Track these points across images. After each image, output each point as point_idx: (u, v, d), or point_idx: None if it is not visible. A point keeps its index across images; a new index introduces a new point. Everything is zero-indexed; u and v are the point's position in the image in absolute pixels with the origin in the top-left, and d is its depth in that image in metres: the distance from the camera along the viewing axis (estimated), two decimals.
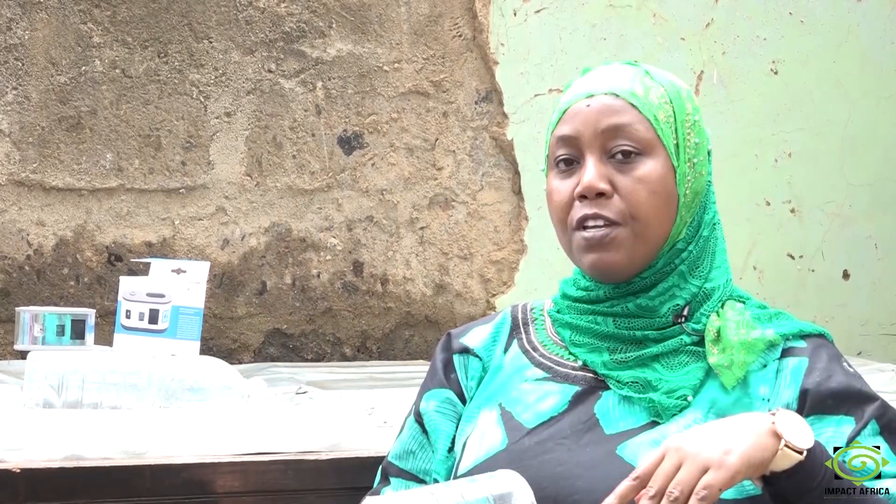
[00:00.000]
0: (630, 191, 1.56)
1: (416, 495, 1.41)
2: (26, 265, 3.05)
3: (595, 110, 1.58)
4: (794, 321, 1.61)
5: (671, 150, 1.58)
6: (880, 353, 3.68)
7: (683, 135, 1.59)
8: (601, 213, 1.57)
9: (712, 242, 1.63)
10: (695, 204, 1.61)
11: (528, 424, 1.58)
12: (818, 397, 1.53)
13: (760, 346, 1.57)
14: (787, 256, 3.74)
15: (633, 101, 1.58)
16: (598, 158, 1.57)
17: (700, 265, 1.61)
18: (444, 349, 1.72)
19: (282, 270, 3.24)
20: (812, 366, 1.55)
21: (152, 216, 3.14)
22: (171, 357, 2.24)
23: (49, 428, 1.95)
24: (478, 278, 3.41)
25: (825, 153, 3.77)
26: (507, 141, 3.44)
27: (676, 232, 1.60)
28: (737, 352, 1.56)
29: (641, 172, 1.57)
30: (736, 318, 1.59)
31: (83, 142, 3.10)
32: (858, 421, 1.51)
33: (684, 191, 1.59)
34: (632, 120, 1.57)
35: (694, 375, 1.56)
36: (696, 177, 1.60)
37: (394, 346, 3.33)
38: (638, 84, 1.59)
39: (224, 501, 1.93)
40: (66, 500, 1.86)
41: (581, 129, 1.58)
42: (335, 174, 3.29)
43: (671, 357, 1.58)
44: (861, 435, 1.50)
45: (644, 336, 1.59)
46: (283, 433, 2.03)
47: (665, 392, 1.55)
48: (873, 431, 1.51)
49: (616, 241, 1.57)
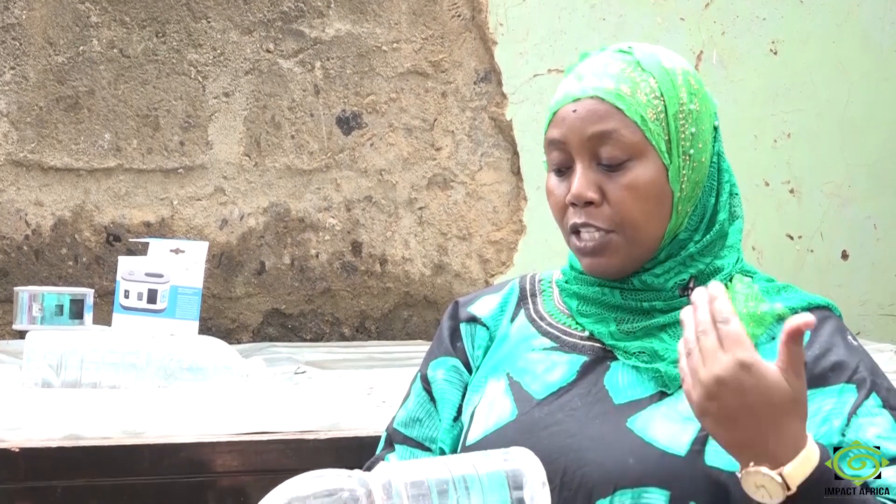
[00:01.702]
0: (619, 199, 1.56)
1: (429, 464, 1.42)
2: (25, 245, 3.05)
3: (580, 117, 1.56)
4: (802, 294, 1.61)
5: (661, 149, 1.56)
6: (879, 333, 3.68)
7: (676, 128, 1.57)
8: (591, 223, 1.56)
9: (726, 225, 1.63)
10: (695, 194, 1.60)
11: (538, 395, 1.58)
12: (817, 370, 1.53)
13: (769, 319, 1.57)
14: (786, 237, 3.74)
15: (618, 105, 1.55)
16: (586, 165, 1.56)
17: (711, 246, 1.61)
18: (452, 317, 1.72)
19: (280, 251, 3.24)
20: (812, 339, 1.55)
21: (151, 196, 3.14)
22: (169, 337, 2.24)
23: (48, 407, 1.95)
24: (476, 258, 3.41)
25: (825, 134, 3.76)
26: (505, 121, 3.43)
27: (675, 226, 1.59)
28: (745, 324, 1.56)
29: (629, 179, 1.55)
30: (745, 291, 1.58)
31: (81, 122, 3.09)
32: (861, 389, 1.51)
33: (679, 186, 1.57)
34: (617, 125, 1.55)
35: None
36: (695, 167, 1.59)
37: (392, 326, 3.33)
38: (625, 82, 1.56)
39: (223, 481, 1.93)
40: (66, 479, 1.86)
41: (569, 136, 1.57)
42: (334, 154, 3.29)
43: (678, 327, 1.58)
44: (863, 406, 1.49)
45: (651, 307, 1.59)
46: (282, 413, 2.04)
47: (672, 362, 1.55)
48: (877, 404, 1.50)
49: (609, 248, 1.57)
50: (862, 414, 1.49)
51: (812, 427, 1.50)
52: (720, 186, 1.62)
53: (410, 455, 1.68)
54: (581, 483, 1.51)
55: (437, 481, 1.39)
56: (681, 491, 1.48)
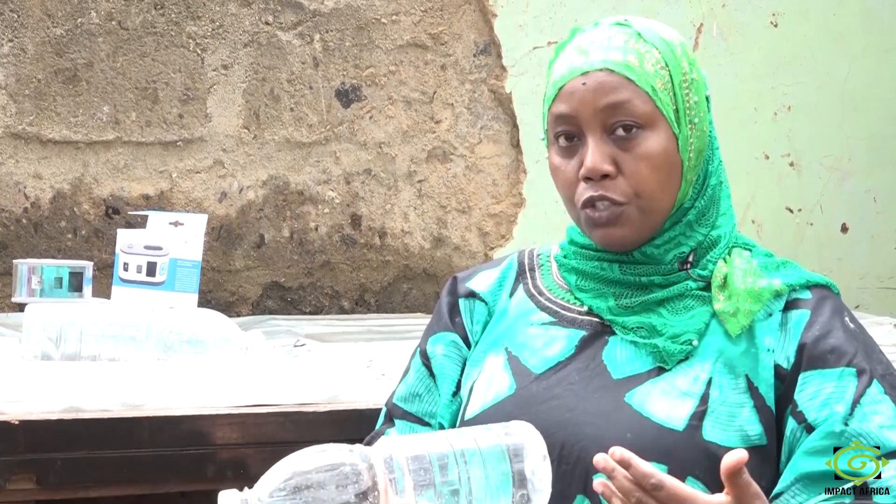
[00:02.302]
0: (634, 170, 1.55)
1: (430, 438, 1.42)
2: (23, 218, 3.05)
3: (591, 89, 1.56)
4: (801, 271, 1.61)
5: (671, 118, 1.56)
6: (878, 307, 3.69)
7: (682, 97, 1.57)
8: (607, 196, 1.56)
9: (718, 190, 1.63)
10: (699, 163, 1.60)
11: (536, 370, 1.59)
12: (816, 351, 1.53)
13: (767, 295, 1.57)
14: (785, 210, 3.74)
15: (628, 75, 1.55)
16: (598, 137, 1.56)
17: (707, 214, 1.61)
18: (450, 292, 1.72)
19: (280, 223, 3.24)
20: (813, 319, 1.55)
21: (150, 169, 3.13)
22: (169, 309, 2.24)
23: (47, 380, 1.95)
24: (476, 231, 3.41)
25: (825, 107, 3.76)
26: (505, 94, 3.43)
27: (683, 195, 1.59)
28: (743, 300, 1.56)
29: (643, 149, 1.55)
30: (743, 266, 1.59)
31: (80, 94, 3.09)
32: (861, 375, 1.51)
33: (688, 155, 1.58)
34: (629, 96, 1.55)
35: (699, 319, 1.56)
36: (699, 135, 1.59)
37: (392, 299, 3.33)
38: (632, 53, 1.56)
39: (222, 453, 1.93)
40: (65, 451, 1.86)
41: (579, 109, 1.56)
42: (333, 127, 3.28)
43: (676, 301, 1.58)
44: (866, 394, 1.50)
45: (649, 282, 1.59)
46: (282, 385, 2.04)
47: (670, 337, 1.55)
48: (879, 391, 1.51)
49: (623, 218, 1.56)
50: (865, 403, 1.49)
51: (812, 409, 1.50)
52: (712, 153, 1.63)
53: (410, 430, 1.68)
54: (579, 457, 1.51)
55: (439, 455, 1.39)
56: (678, 465, 1.48)
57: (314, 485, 1.35)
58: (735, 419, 1.51)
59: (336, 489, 1.35)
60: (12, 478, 1.83)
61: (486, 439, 1.42)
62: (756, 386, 1.53)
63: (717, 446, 1.48)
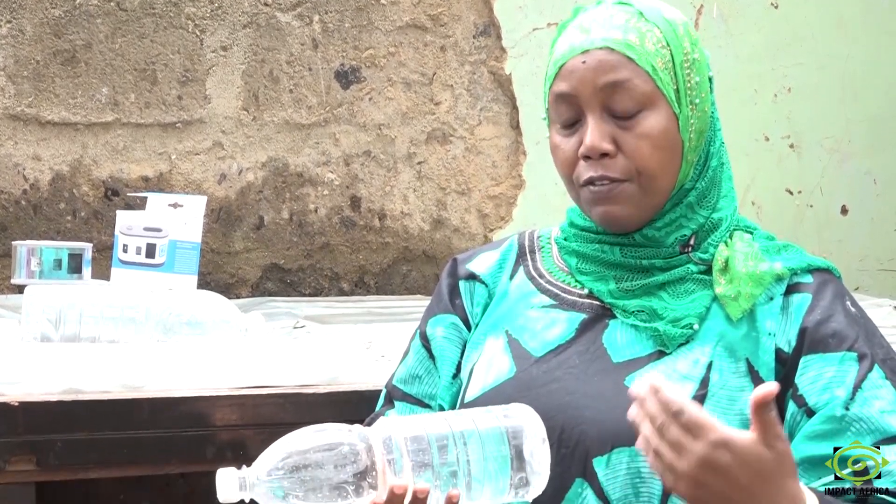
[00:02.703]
0: (634, 149, 1.55)
1: (429, 419, 1.42)
2: (23, 200, 3.04)
3: (591, 68, 1.55)
4: (803, 255, 1.60)
5: (672, 98, 1.56)
6: (878, 289, 3.68)
7: (683, 77, 1.57)
8: (607, 175, 1.55)
9: (719, 172, 1.62)
10: (700, 143, 1.60)
11: (536, 353, 1.58)
12: (817, 336, 1.53)
13: (768, 279, 1.56)
14: (785, 192, 3.73)
15: (629, 54, 1.54)
16: (598, 116, 1.55)
17: (708, 195, 1.61)
18: (450, 274, 1.71)
19: (279, 205, 3.23)
20: (814, 303, 1.55)
21: (149, 151, 3.13)
22: (168, 291, 2.24)
23: (47, 361, 1.95)
24: (475, 213, 3.41)
25: (825, 88, 3.75)
26: (505, 75, 3.42)
27: (683, 176, 1.59)
28: (744, 284, 1.56)
29: (644, 128, 1.55)
30: (745, 250, 1.58)
31: (78, 76, 3.08)
32: (862, 360, 1.50)
33: (688, 135, 1.57)
34: (629, 75, 1.54)
35: (699, 303, 1.56)
36: (700, 116, 1.59)
37: (391, 280, 3.33)
38: (633, 32, 1.55)
39: (222, 434, 1.93)
40: (65, 433, 1.87)
41: (579, 88, 1.56)
42: (332, 109, 3.28)
43: (677, 285, 1.58)
44: (868, 379, 1.49)
45: (650, 265, 1.59)
46: (281, 367, 2.04)
47: (670, 321, 1.55)
48: (881, 376, 1.50)
49: (623, 196, 1.56)
50: (867, 388, 1.49)
51: (812, 394, 1.50)
52: (714, 134, 1.62)
53: (410, 412, 1.68)
54: (578, 441, 1.51)
55: (437, 436, 1.39)
56: None
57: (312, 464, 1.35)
58: (735, 403, 1.51)
59: (334, 469, 1.35)
60: (12, 459, 1.83)
61: (486, 421, 1.42)
62: (756, 370, 1.53)
63: None
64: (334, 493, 1.35)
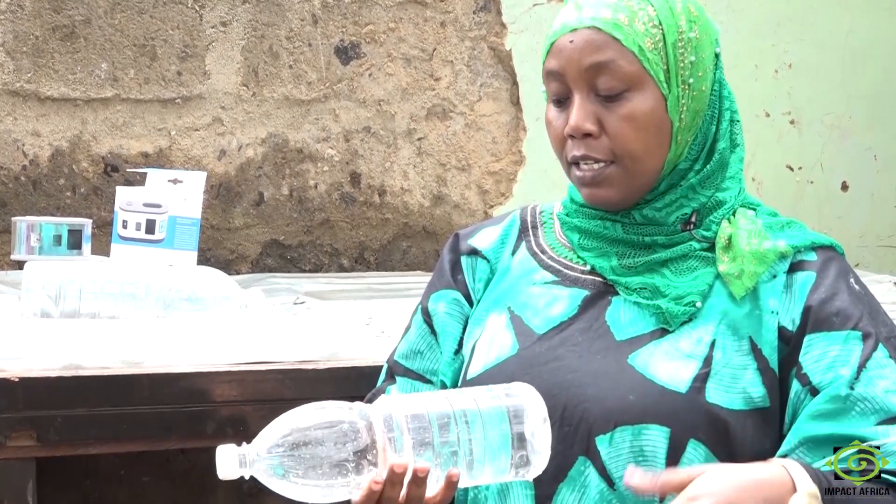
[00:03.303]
0: (617, 130, 1.54)
1: (430, 398, 1.42)
2: (22, 176, 3.04)
3: (577, 48, 1.55)
4: (806, 232, 1.60)
5: (660, 79, 1.55)
6: (878, 265, 3.69)
7: (675, 57, 1.56)
8: (590, 154, 1.55)
9: (727, 154, 1.62)
10: (695, 124, 1.59)
11: (539, 330, 1.58)
12: (821, 314, 1.53)
13: (771, 257, 1.56)
14: (786, 168, 3.73)
15: (615, 34, 1.53)
16: (584, 96, 1.55)
17: (712, 177, 1.60)
18: (452, 250, 1.71)
19: (279, 181, 3.23)
20: (819, 282, 1.54)
21: (148, 126, 3.12)
22: (168, 267, 2.24)
23: (47, 337, 1.95)
24: (475, 189, 3.40)
25: (826, 65, 3.74)
26: (505, 51, 3.41)
27: (675, 157, 1.58)
28: (748, 262, 1.56)
29: (627, 110, 1.54)
30: (748, 227, 1.58)
31: (78, 51, 3.07)
32: (867, 339, 1.50)
33: (679, 116, 1.56)
34: (614, 56, 1.54)
35: (702, 281, 1.56)
36: (694, 96, 1.57)
37: (391, 257, 3.33)
38: (623, 11, 1.54)
39: (222, 410, 1.94)
40: (65, 408, 1.87)
41: (566, 66, 1.56)
42: (332, 84, 3.27)
43: (680, 262, 1.58)
44: (872, 359, 1.49)
45: (653, 241, 1.58)
46: (281, 343, 2.04)
47: (673, 298, 1.55)
48: (885, 355, 1.50)
49: (608, 179, 1.56)
50: (871, 367, 1.49)
51: (817, 372, 1.50)
52: (720, 114, 1.61)
53: (411, 387, 1.68)
54: (581, 419, 1.51)
55: (438, 415, 1.39)
56: (681, 428, 1.48)
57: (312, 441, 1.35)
58: (738, 381, 1.51)
59: (334, 446, 1.35)
60: (12, 435, 1.83)
61: (487, 400, 1.42)
62: (759, 348, 1.53)
63: (720, 408, 1.48)
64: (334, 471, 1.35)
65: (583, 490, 1.50)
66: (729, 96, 1.63)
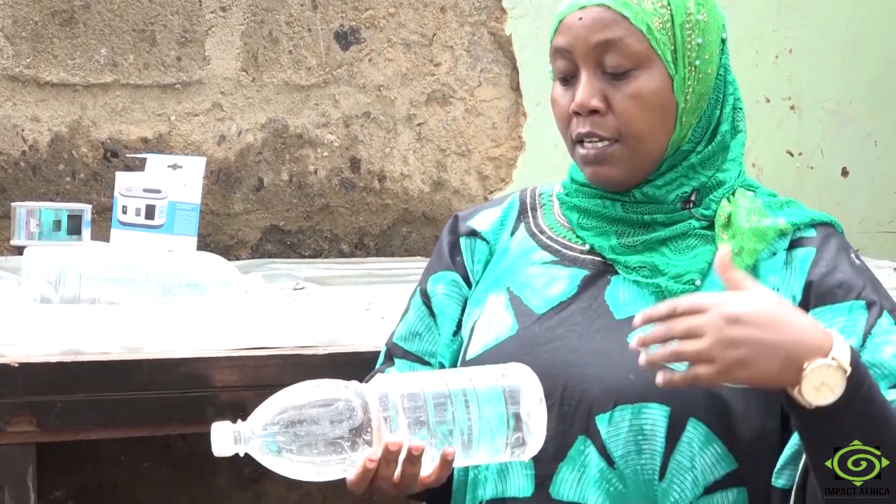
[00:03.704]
0: (623, 108, 1.55)
1: (426, 378, 1.42)
2: (22, 161, 3.04)
3: (586, 25, 1.55)
4: (805, 210, 1.60)
5: (667, 59, 1.55)
6: (878, 250, 3.68)
7: (682, 38, 1.56)
8: (595, 132, 1.55)
9: (729, 137, 1.62)
10: (699, 106, 1.59)
11: (538, 310, 1.58)
12: (823, 287, 1.52)
13: (771, 234, 1.56)
14: (786, 153, 3.73)
15: (624, 12, 1.54)
16: (591, 73, 1.55)
17: (712, 158, 1.60)
18: (451, 231, 1.71)
19: (279, 167, 3.23)
20: (819, 256, 1.55)
21: (148, 112, 3.12)
22: (168, 252, 2.23)
23: (47, 323, 1.95)
24: (475, 175, 3.40)
25: (826, 50, 3.74)
26: (505, 36, 3.41)
27: (678, 138, 1.58)
28: (747, 239, 1.56)
29: (634, 88, 1.54)
30: (747, 206, 1.58)
31: (77, 36, 3.07)
32: (871, 307, 1.50)
33: (684, 97, 1.56)
34: (623, 34, 1.54)
35: (702, 259, 1.56)
36: (700, 79, 1.58)
37: (391, 242, 3.33)
38: None
39: (222, 395, 1.94)
40: (65, 394, 1.87)
41: (574, 44, 1.56)
42: (332, 70, 3.27)
43: (679, 241, 1.58)
44: (878, 325, 1.49)
45: (652, 220, 1.58)
46: (281, 328, 2.04)
47: (672, 277, 1.55)
48: (891, 322, 1.50)
49: (612, 157, 1.56)
50: (877, 334, 1.49)
51: None
52: (724, 99, 1.61)
53: (410, 369, 1.68)
54: (581, 398, 1.51)
55: (434, 394, 1.39)
56: (680, 407, 1.48)
57: (307, 419, 1.35)
58: None
59: (330, 424, 1.35)
60: (12, 420, 1.83)
61: (483, 380, 1.42)
62: None
63: (720, 387, 1.48)
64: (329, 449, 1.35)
65: (583, 469, 1.50)
66: (733, 82, 1.63)
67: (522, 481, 1.53)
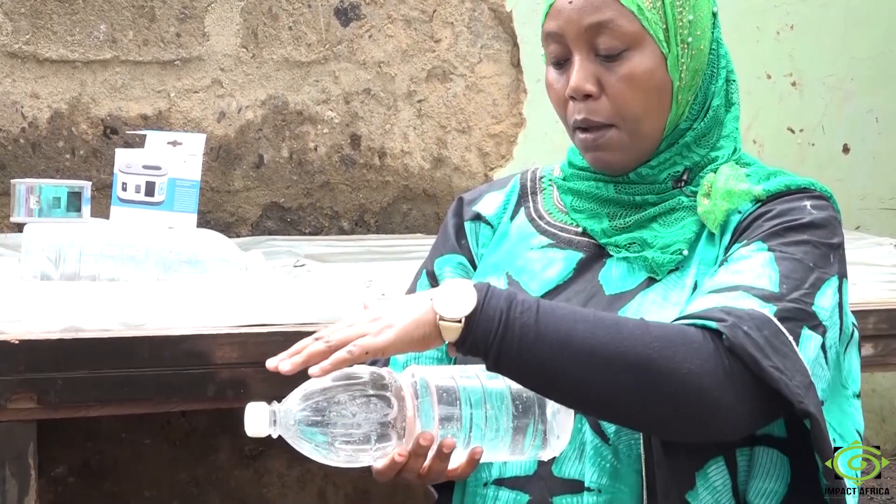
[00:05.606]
0: (617, 91, 1.54)
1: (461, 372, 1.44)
2: (21, 138, 3.03)
3: (577, 8, 1.54)
4: (785, 178, 1.58)
5: (659, 38, 1.54)
6: (878, 227, 3.68)
7: (674, 16, 1.55)
8: (591, 118, 1.55)
9: (722, 112, 1.61)
10: (694, 83, 1.59)
11: (536, 293, 1.59)
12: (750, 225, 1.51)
13: (741, 197, 1.55)
14: (787, 130, 3.72)
15: None
16: (584, 57, 1.55)
17: (707, 135, 1.60)
18: (456, 214, 1.72)
19: (279, 144, 3.22)
20: (774, 205, 1.53)
21: (147, 88, 3.11)
22: (168, 229, 2.23)
23: (47, 300, 1.95)
24: (476, 152, 3.40)
25: (828, 26, 3.73)
26: (505, 13, 3.40)
27: (676, 117, 1.58)
28: (720, 199, 1.55)
29: (628, 69, 1.54)
30: (728, 172, 1.57)
31: (76, 13, 3.06)
32: (763, 251, 1.47)
33: (679, 75, 1.56)
34: (613, 15, 1.53)
35: (688, 229, 1.55)
36: (693, 55, 1.57)
37: (391, 219, 3.33)
38: None
39: (222, 372, 1.94)
40: (66, 371, 1.87)
41: (565, 27, 1.55)
42: (332, 46, 3.26)
43: (668, 215, 1.58)
44: (741, 253, 1.47)
45: (643, 200, 1.59)
46: (282, 305, 2.04)
47: (659, 248, 1.55)
48: (767, 259, 1.47)
49: (611, 143, 1.56)
50: (733, 260, 1.47)
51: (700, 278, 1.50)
52: (717, 73, 1.61)
53: None
54: None
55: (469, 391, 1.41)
56: None
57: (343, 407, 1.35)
58: None
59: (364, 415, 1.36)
60: (13, 397, 1.84)
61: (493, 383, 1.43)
62: None
63: None
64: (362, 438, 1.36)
65: (581, 447, 1.51)
66: (725, 55, 1.62)
67: (525, 460, 1.53)
